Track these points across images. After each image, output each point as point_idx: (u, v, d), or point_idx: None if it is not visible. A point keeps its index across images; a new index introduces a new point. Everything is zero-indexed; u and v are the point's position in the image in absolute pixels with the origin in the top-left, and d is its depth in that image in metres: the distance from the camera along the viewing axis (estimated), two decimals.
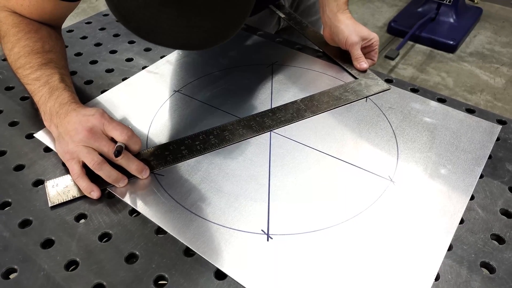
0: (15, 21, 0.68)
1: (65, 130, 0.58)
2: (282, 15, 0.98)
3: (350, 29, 0.79)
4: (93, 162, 0.56)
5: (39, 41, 0.67)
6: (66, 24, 0.87)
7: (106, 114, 0.59)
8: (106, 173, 0.56)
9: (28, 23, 0.68)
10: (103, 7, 2.84)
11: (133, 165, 0.58)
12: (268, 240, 0.52)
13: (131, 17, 0.48)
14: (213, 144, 0.64)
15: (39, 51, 0.66)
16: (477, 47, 2.49)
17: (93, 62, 0.83)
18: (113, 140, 0.58)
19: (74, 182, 0.57)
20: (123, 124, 0.59)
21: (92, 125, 0.57)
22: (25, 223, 0.54)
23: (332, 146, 0.64)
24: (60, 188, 0.57)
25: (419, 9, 2.62)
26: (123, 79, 0.78)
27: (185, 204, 0.56)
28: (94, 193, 0.56)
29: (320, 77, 0.79)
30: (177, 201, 0.56)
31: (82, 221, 0.54)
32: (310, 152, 0.64)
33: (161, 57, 0.84)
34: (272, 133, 0.67)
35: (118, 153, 0.56)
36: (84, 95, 0.74)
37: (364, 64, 0.80)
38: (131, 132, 0.58)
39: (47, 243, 0.51)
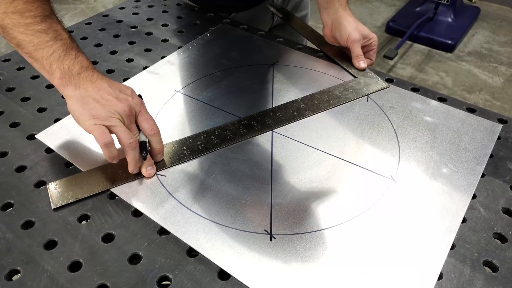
0: None
1: (91, 95, 0.58)
2: (280, 15, 0.98)
3: (352, 26, 0.79)
4: (131, 140, 0.56)
5: None
6: (67, 25, 0.86)
7: (143, 102, 0.61)
8: (135, 155, 0.57)
9: None
10: (102, 8, 2.84)
11: (148, 161, 0.59)
12: (271, 240, 0.52)
13: None
14: (214, 144, 0.64)
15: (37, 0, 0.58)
16: (475, 46, 2.49)
17: (94, 63, 0.83)
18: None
19: (72, 181, 0.57)
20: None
21: (132, 106, 0.58)
22: (28, 224, 0.54)
23: (334, 146, 0.65)
24: (62, 190, 0.57)
25: (417, 9, 2.63)
26: (124, 80, 0.78)
27: (188, 204, 0.56)
28: (116, 161, 0.57)
29: (321, 77, 0.79)
30: (179, 201, 0.56)
31: (85, 222, 0.54)
32: (312, 152, 0.64)
33: (162, 58, 0.84)
34: (273, 133, 0.67)
35: (145, 146, 0.58)
36: None
37: (363, 63, 0.80)
38: (159, 130, 0.60)
39: (50, 244, 0.51)
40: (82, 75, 0.59)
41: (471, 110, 0.72)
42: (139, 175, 0.59)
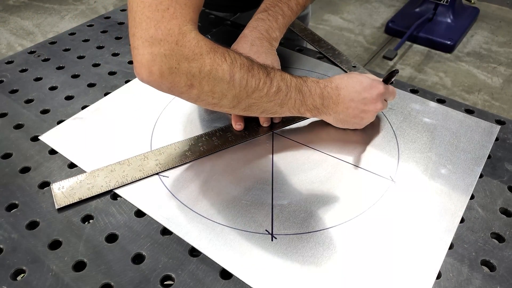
0: (209, 45, 0.52)
1: (346, 116, 0.64)
2: None
3: None
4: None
5: (234, 51, 0.56)
6: (68, 26, 0.87)
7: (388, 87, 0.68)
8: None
9: (212, 42, 0.54)
10: (102, 9, 2.85)
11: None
12: (272, 240, 0.53)
13: None
14: (216, 146, 0.65)
15: (249, 61, 0.57)
16: (474, 47, 2.50)
17: (96, 65, 0.83)
18: None
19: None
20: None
21: (382, 97, 0.65)
22: (32, 225, 0.54)
23: (334, 147, 0.65)
24: (66, 190, 0.58)
25: (417, 10, 2.63)
26: (126, 82, 0.79)
27: (190, 205, 0.57)
28: None
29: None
30: (181, 202, 0.57)
31: (88, 222, 0.55)
32: (312, 153, 0.64)
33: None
34: (274, 134, 0.68)
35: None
36: (87, 97, 0.75)
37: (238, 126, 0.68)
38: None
39: (55, 244, 0.52)
40: (325, 103, 0.63)
41: (469, 111, 0.72)
42: (141, 177, 0.60)
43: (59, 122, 0.69)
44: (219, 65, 0.52)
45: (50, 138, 0.66)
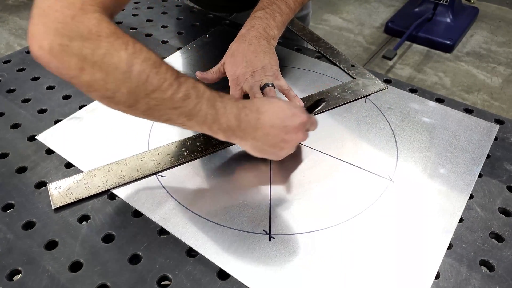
0: (112, 30, 0.46)
1: (263, 144, 0.56)
2: None
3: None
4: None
5: (145, 46, 0.49)
6: None
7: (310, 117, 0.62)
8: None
9: (118, 29, 0.47)
10: None
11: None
12: (270, 240, 0.52)
13: None
14: (214, 145, 0.65)
15: (158, 59, 0.50)
16: (474, 46, 2.50)
17: None
18: None
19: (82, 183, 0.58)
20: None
21: (304, 126, 0.58)
22: (28, 225, 0.54)
23: (332, 147, 0.65)
24: (62, 190, 0.57)
25: (416, 9, 2.63)
26: None
27: (187, 205, 0.56)
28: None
29: (320, 78, 0.80)
30: (179, 202, 0.57)
31: (85, 222, 0.54)
32: (311, 153, 0.64)
33: (162, 59, 0.84)
34: None
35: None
36: (85, 97, 0.74)
37: None
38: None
39: (51, 245, 0.52)
40: (242, 126, 0.54)
41: (468, 110, 0.72)
42: (139, 177, 0.60)
43: (56, 122, 0.69)
44: (116, 51, 0.45)
45: (47, 137, 0.66)
